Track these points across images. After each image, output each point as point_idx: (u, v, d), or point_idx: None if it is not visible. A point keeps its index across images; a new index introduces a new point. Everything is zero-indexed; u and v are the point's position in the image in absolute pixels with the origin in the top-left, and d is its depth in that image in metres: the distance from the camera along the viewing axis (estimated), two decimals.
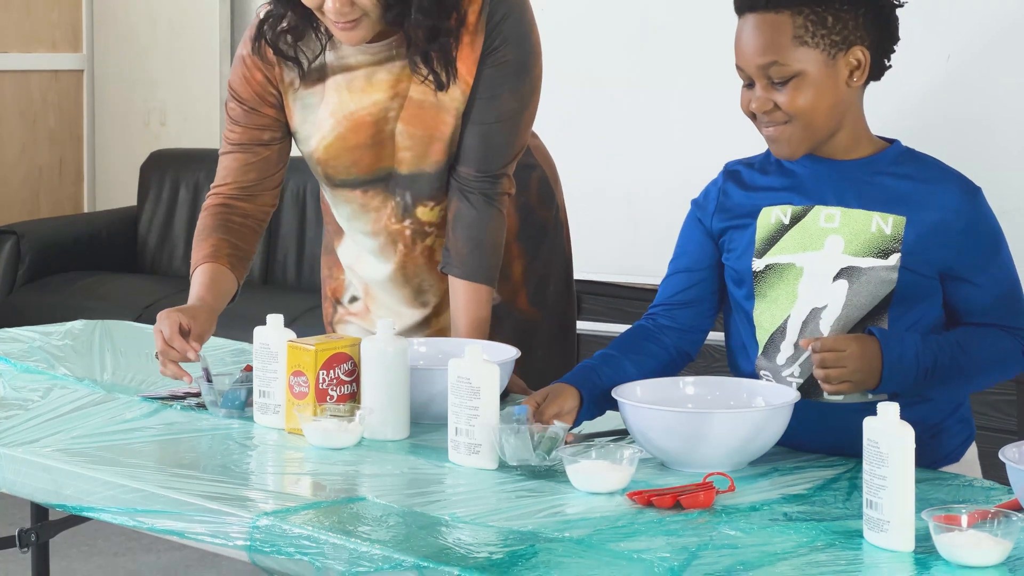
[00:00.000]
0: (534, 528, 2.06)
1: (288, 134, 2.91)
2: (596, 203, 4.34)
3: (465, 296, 2.82)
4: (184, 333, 2.64)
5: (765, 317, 2.42)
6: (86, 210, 6.63)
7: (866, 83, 2.37)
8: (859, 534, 2.02)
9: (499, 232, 2.85)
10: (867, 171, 2.38)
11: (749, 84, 2.36)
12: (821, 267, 2.36)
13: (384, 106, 2.80)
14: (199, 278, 2.82)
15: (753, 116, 2.38)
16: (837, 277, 2.35)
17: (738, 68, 2.36)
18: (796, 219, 2.39)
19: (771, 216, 2.41)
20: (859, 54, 2.33)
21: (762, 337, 2.42)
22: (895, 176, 2.37)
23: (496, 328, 2.89)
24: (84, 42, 6.55)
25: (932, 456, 2.36)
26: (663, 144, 4.44)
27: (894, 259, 2.33)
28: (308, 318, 4.86)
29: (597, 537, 2.02)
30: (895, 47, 2.38)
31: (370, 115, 2.81)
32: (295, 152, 2.97)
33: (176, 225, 6.15)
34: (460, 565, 1.92)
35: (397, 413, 2.48)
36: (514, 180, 2.87)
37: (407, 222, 2.88)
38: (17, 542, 3.01)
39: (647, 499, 2.14)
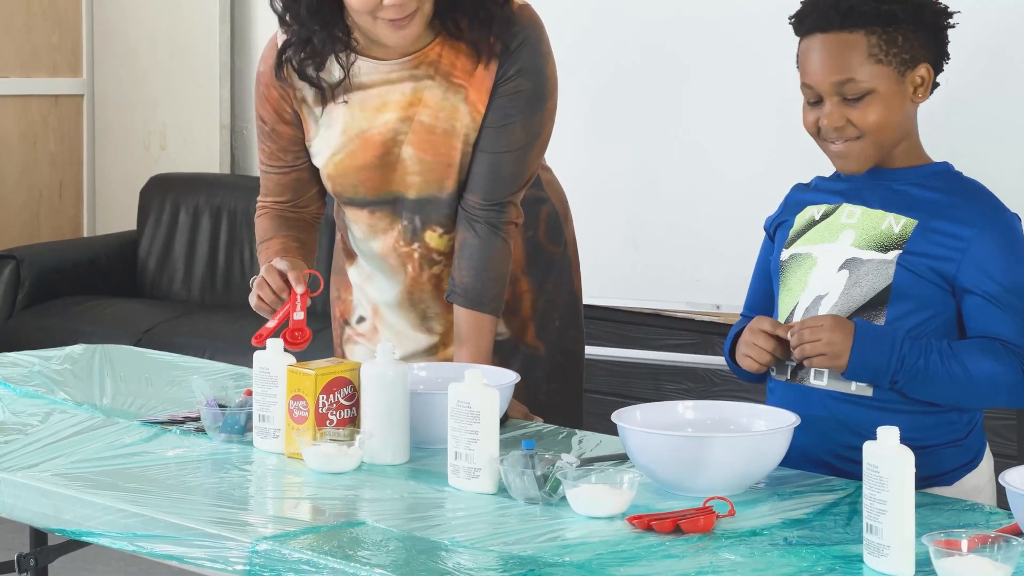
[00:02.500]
0: (534, 552, 2.05)
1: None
2: (597, 226, 4.34)
3: (468, 325, 2.82)
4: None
5: (784, 305, 2.49)
6: (86, 234, 6.63)
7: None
8: (859, 559, 2.01)
9: (504, 262, 2.85)
10: (900, 180, 2.44)
11: (816, 102, 2.42)
12: (830, 258, 2.44)
13: (394, 127, 2.81)
14: (280, 253, 2.86)
15: (816, 132, 2.44)
16: (842, 267, 2.42)
17: (805, 87, 2.42)
18: (825, 216, 2.49)
19: (807, 213, 2.52)
20: (923, 71, 2.40)
21: None
22: (924, 187, 2.43)
23: (505, 364, 2.88)
24: (84, 66, 6.56)
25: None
26: (664, 167, 4.45)
27: (892, 255, 2.38)
28: (316, 341, 4.86)
29: (597, 562, 2.01)
30: (946, 64, 2.44)
31: (380, 135, 2.81)
32: None
33: (176, 249, 6.16)
34: None
35: (397, 437, 2.48)
36: (522, 210, 2.88)
37: (415, 245, 2.88)
38: (16, 567, 3.00)
39: (647, 523, 2.14)
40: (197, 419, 2.70)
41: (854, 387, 2.39)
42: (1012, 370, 2.34)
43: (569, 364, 3.08)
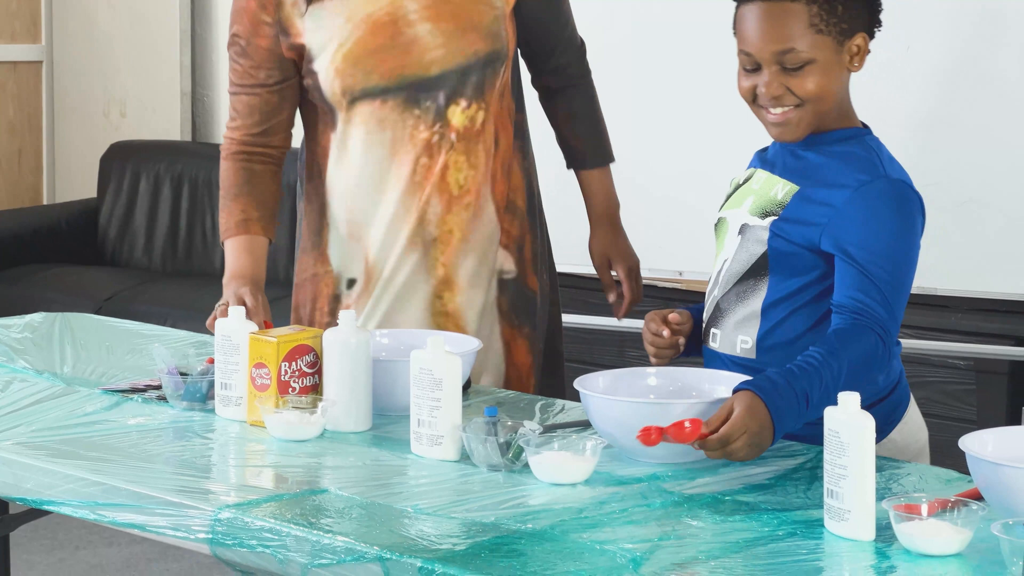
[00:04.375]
0: (496, 519, 2.06)
1: (289, 75, 2.86)
2: (559, 193, 4.34)
3: (600, 181, 3.01)
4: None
5: (713, 268, 2.54)
6: (45, 202, 6.59)
7: None
8: (820, 523, 2.02)
9: (598, 102, 3.03)
10: (808, 144, 2.44)
11: (754, 69, 2.40)
12: (734, 222, 2.49)
13: (403, 4, 2.76)
14: (238, 251, 2.85)
15: (753, 99, 2.42)
16: (739, 233, 2.47)
17: (743, 53, 2.41)
18: (746, 181, 2.53)
19: (738, 178, 2.55)
20: (860, 40, 2.40)
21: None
22: (824, 153, 2.42)
23: (510, 300, 2.91)
24: (43, 32, 6.51)
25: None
26: (625, 133, 4.44)
27: (768, 221, 2.41)
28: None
29: (560, 528, 2.02)
30: (878, 31, 2.44)
31: (387, 15, 2.76)
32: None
33: (137, 217, 6.12)
34: (423, 556, 1.92)
35: (359, 405, 2.48)
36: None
37: (437, 127, 2.81)
38: None
39: (659, 436, 2.19)
40: (158, 387, 2.69)
41: (739, 349, 2.43)
42: (874, 344, 2.30)
43: (555, 334, 3.06)
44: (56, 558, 4.41)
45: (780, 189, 2.42)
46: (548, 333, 3.02)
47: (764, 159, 2.52)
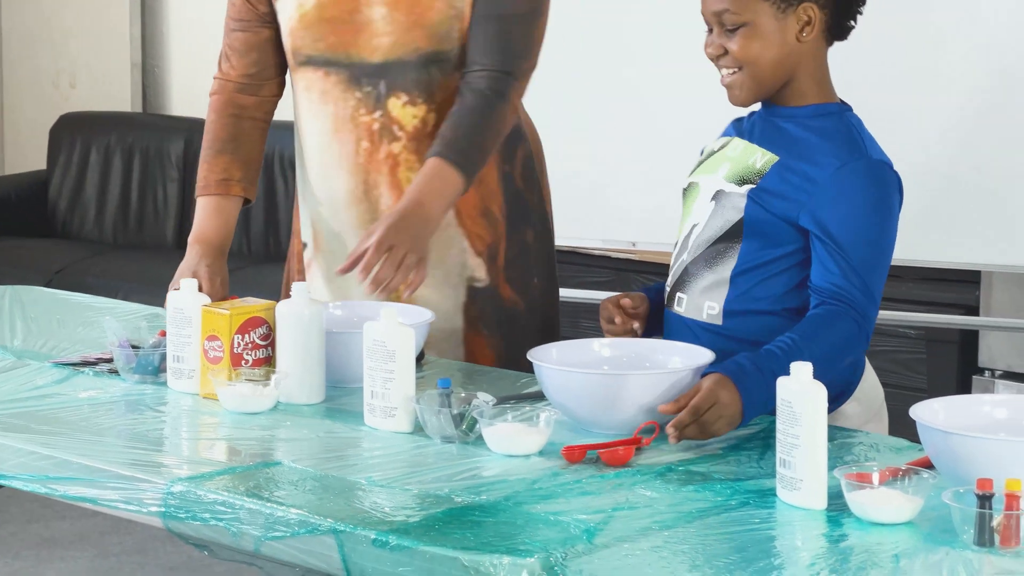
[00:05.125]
0: (450, 491, 2.06)
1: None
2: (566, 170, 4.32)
3: (431, 169, 2.61)
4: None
5: (679, 232, 2.54)
6: None
7: (830, 42, 2.45)
8: (772, 493, 2.03)
9: (492, 130, 2.68)
10: (788, 118, 2.45)
11: (710, 29, 2.45)
12: (707, 188, 2.49)
13: None
14: (210, 212, 2.80)
15: (712, 61, 2.46)
16: (712, 198, 2.47)
17: (701, 13, 2.45)
18: (721, 148, 2.53)
19: (712, 145, 2.55)
20: (810, 11, 2.40)
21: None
22: (803, 127, 2.43)
23: (479, 308, 2.82)
24: None
25: None
26: (579, 104, 4.44)
27: (745, 188, 2.41)
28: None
29: (514, 499, 2.02)
30: (860, 8, 2.44)
31: None
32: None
33: (87, 189, 6.08)
34: (376, 529, 1.92)
35: (312, 377, 2.47)
36: (521, 99, 2.75)
37: (377, 114, 2.76)
38: None
39: (582, 453, 2.17)
40: (110, 360, 2.67)
41: (705, 315, 2.43)
42: (849, 330, 2.31)
43: (550, 328, 2.93)
44: (8, 532, 4.39)
45: (759, 158, 2.43)
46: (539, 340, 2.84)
47: (741, 128, 2.52)
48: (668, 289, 2.52)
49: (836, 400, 2.40)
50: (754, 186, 2.41)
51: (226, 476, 2.14)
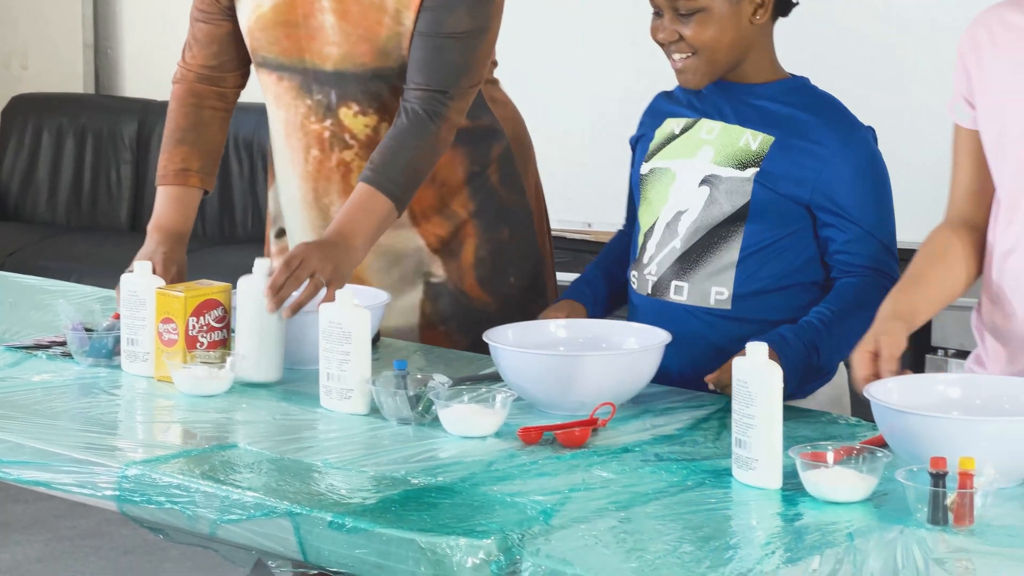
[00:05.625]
0: (407, 473, 2.06)
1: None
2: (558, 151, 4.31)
3: (359, 197, 2.58)
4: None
5: (644, 219, 2.53)
6: None
7: (774, 19, 2.47)
8: (728, 473, 2.04)
9: (425, 153, 2.63)
10: (756, 95, 2.47)
11: (657, 13, 2.45)
12: (690, 173, 2.47)
13: None
14: (169, 201, 2.78)
15: (662, 46, 2.46)
16: (702, 184, 2.46)
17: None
18: (684, 130, 2.51)
19: (667, 127, 2.54)
20: None
21: (640, 240, 2.53)
22: (780, 103, 2.46)
23: (439, 310, 2.82)
24: None
25: None
26: (532, 83, 4.44)
27: (750, 172, 2.42)
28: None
29: (470, 481, 2.02)
30: None
31: None
32: (252, 98, 2.91)
33: (40, 171, 6.04)
34: (333, 511, 1.92)
35: (270, 355, 2.46)
36: (464, 117, 2.68)
37: (328, 122, 2.75)
38: None
39: (538, 434, 2.16)
40: (63, 343, 2.66)
41: (712, 301, 2.44)
42: (883, 296, 2.36)
43: None
44: None
45: (751, 139, 2.43)
46: None
47: (698, 107, 2.51)
48: (653, 279, 2.50)
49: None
50: (758, 169, 2.41)
51: (181, 459, 2.13)
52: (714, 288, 2.45)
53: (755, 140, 2.43)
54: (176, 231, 2.77)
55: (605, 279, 2.64)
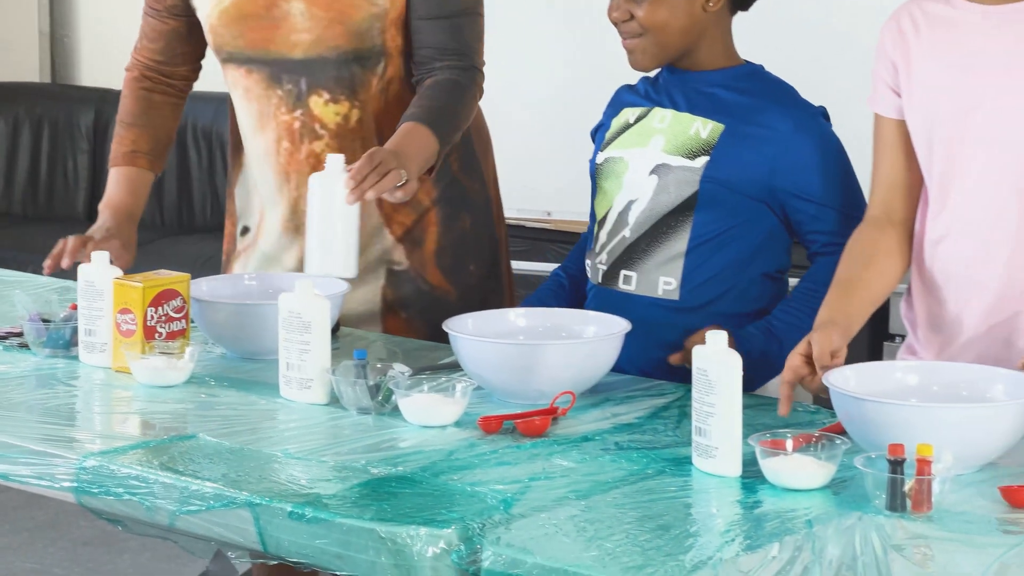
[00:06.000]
0: (367, 463, 2.05)
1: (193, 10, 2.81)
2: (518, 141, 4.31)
3: (412, 129, 2.58)
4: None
5: (599, 208, 2.54)
6: None
7: (733, 12, 2.49)
8: (688, 461, 2.05)
9: (467, 110, 2.69)
10: (707, 82, 2.48)
11: None
12: (641, 162, 2.49)
13: None
14: (119, 181, 2.83)
15: (616, 25, 2.48)
16: (652, 172, 2.47)
17: None
18: (639, 119, 2.52)
19: (623, 116, 2.55)
20: None
21: (595, 229, 2.54)
22: (732, 90, 2.47)
23: (403, 299, 2.81)
24: None
25: None
26: (493, 73, 4.44)
27: (700, 162, 2.43)
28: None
29: (431, 471, 2.02)
30: None
31: None
32: (211, 87, 2.91)
33: None
34: (293, 501, 1.91)
35: (348, 249, 2.43)
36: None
37: (298, 113, 2.75)
38: None
39: (498, 424, 2.16)
40: (20, 334, 2.64)
41: (660, 291, 2.44)
42: None
43: None
44: None
45: (701, 128, 2.44)
46: None
47: (652, 96, 2.52)
48: (604, 268, 2.51)
49: None
50: (708, 158, 2.42)
51: (140, 450, 2.12)
52: (662, 278, 2.46)
53: (705, 128, 2.44)
54: (124, 209, 2.81)
55: (569, 280, 2.65)
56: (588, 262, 2.56)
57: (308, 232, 2.46)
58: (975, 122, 2.19)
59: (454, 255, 2.84)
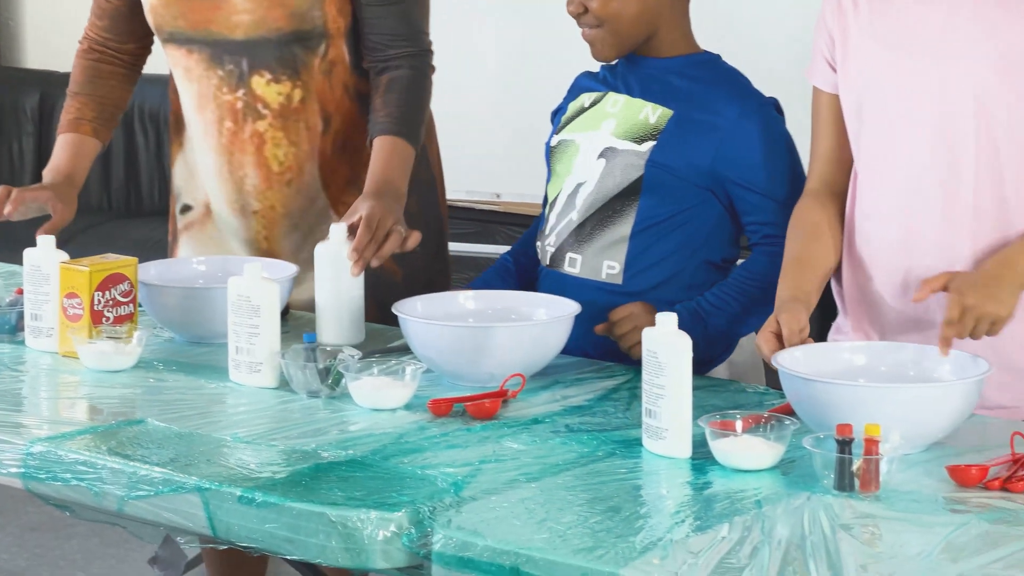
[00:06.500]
0: (317, 446, 2.05)
1: None
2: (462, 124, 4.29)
3: (380, 147, 2.66)
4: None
5: (551, 191, 2.55)
6: None
7: None
8: (638, 443, 2.05)
9: (427, 97, 2.77)
10: (662, 69, 2.48)
11: None
12: (591, 145, 2.49)
13: None
14: (62, 148, 2.81)
15: (574, 18, 2.47)
16: (600, 156, 2.47)
17: None
18: (594, 104, 2.53)
19: (580, 101, 2.56)
20: None
21: (547, 211, 2.55)
22: (685, 77, 2.47)
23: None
24: None
25: None
26: (443, 56, 4.43)
27: (646, 147, 2.43)
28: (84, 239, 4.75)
29: (381, 454, 2.02)
30: None
31: None
32: (159, 70, 2.88)
33: None
34: (242, 486, 1.91)
35: (354, 318, 2.46)
36: None
37: (240, 92, 2.74)
38: None
39: (448, 406, 2.16)
40: None
41: (604, 274, 2.45)
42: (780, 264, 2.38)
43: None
44: None
45: (650, 113, 2.44)
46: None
47: (609, 82, 2.52)
48: (551, 250, 2.51)
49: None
50: (655, 143, 2.42)
51: (87, 435, 2.11)
52: (606, 262, 2.46)
53: (654, 113, 2.44)
54: (63, 171, 2.79)
55: (516, 264, 2.64)
56: (539, 244, 2.56)
57: (319, 305, 2.48)
58: (904, 101, 2.21)
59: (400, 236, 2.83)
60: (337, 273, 2.46)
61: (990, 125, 2.17)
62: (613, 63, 2.55)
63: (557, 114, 2.62)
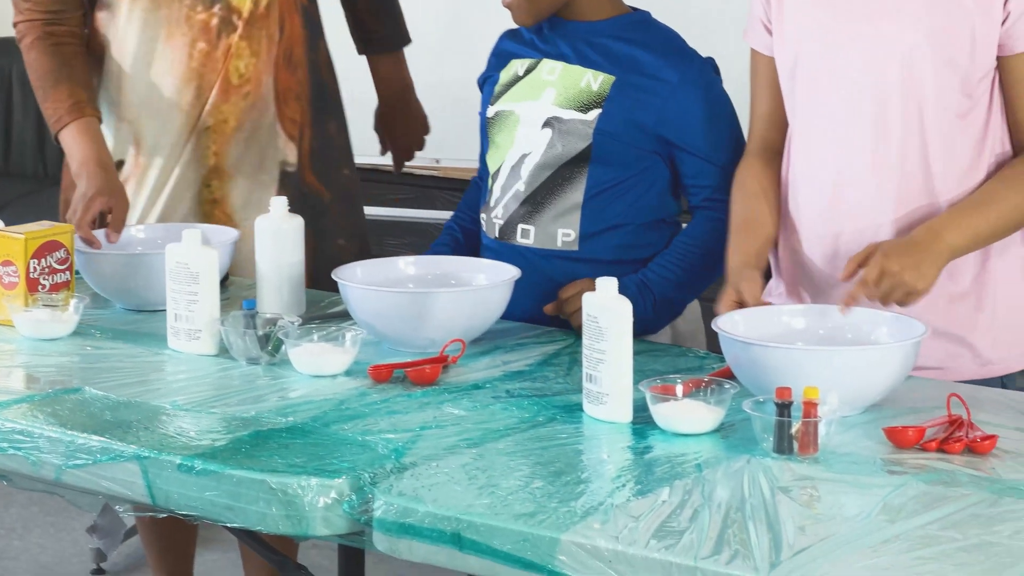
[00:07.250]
0: (257, 414, 2.04)
1: None
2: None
3: (390, 65, 3.05)
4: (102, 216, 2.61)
5: (492, 162, 2.52)
6: None
7: None
8: (579, 408, 2.06)
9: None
10: (596, 33, 2.46)
11: None
12: (533, 116, 2.47)
13: None
14: (80, 136, 2.73)
15: None
16: (544, 126, 2.45)
17: None
18: (528, 72, 2.51)
19: (512, 68, 2.53)
20: None
21: (489, 183, 2.52)
22: (622, 40, 2.45)
23: (289, 194, 2.76)
24: None
25: None
26: (432, 29, 4.41)
27: (593, 114, 2.42)
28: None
29: (321, 420, 2.01)
30: None
31: None
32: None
33: None
34: (182, 454, 1.90)
35: (295, 291, 2.44)
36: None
37: (216, 8, 2.73)
38: None
39: (388, 373, 2.16)
40: None
41: (560, 242, 2.44)
42: (721, 228, 2.39)
43: (358, 220, 2.97)
44: None
45: (592, 80, 2.43)
46: (348, 234, 2.92)
47: (540, 47, 2.50)
48: (500, 223, 2.49)
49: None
50: (600, 110, 2.41)
51: (24, 404, 2.09)
52: (561, 230, 2.45)
53: (596, 80, 2.43)
54: (104, 162, 2.72)
55: (464, 234, 2.63)
56: (483, 216, 2.54)
57: (259, 276, 2.45)
58: (836, 65, 2.22)
59: (326, 158, 2.89)
60: (278, 246, 2.44)
61: (917, 87, 2.18)
62: (540, 27, 2.53)
63: (487, 83, 2.59)
